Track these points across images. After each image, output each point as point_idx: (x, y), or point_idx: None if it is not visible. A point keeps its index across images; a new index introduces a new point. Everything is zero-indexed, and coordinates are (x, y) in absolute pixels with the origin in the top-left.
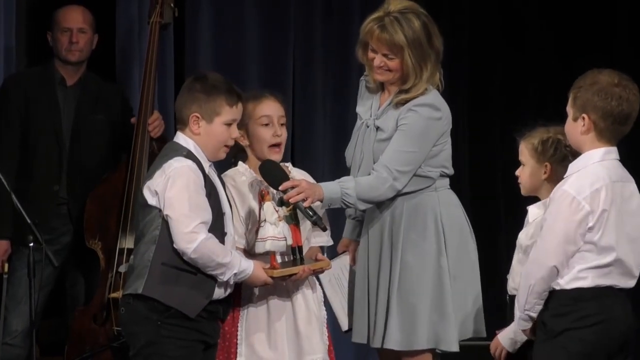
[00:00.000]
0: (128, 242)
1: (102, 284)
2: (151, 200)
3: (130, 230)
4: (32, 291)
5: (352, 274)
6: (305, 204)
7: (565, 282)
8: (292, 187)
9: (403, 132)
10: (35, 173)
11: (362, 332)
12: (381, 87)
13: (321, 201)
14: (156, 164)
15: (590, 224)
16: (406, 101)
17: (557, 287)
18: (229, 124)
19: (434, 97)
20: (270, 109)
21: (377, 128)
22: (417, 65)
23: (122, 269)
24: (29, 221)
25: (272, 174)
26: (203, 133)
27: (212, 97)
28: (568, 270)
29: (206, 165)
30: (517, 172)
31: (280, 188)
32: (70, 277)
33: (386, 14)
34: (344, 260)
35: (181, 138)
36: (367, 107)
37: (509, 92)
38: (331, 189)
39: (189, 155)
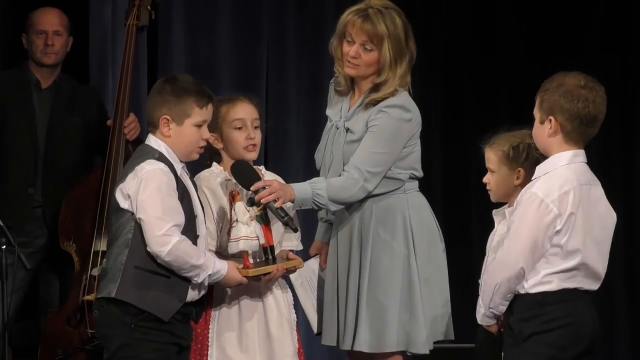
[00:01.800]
0: (103, 245)
1: (76, 286)
2: (124, 203)
3: (105, 233)
4: (4, 294)
5: (322, 276)
6: (277, 205)
7: (531, 286)
8: (264, 188)
9: (374, 134)
10: (10, 176)
11: (331, 334)
12: (352, 88)
13: (293, 202)
14: (128, 167)
15: (558, 228)
16: (377, 102)
17: (522, 291)
18: (199, 126)
19: (405, 98)
20: (244, 113)
21: (347, 130)
22: (394, 60)
23: (95, 272)
24: (1, 224)
25: (243, 174)
26: (174, 135)
27: (182, 100)
28: (534, 274)
29: (179, 167)
30: (485, 180)
31: (252, 189)
32: (44, 280)
33: (369, 7)
34: (315, 263)
35: (153, 141)
36: (337, 110)
37: (481, 94)
38: (303, 189)
39: (161, 158)
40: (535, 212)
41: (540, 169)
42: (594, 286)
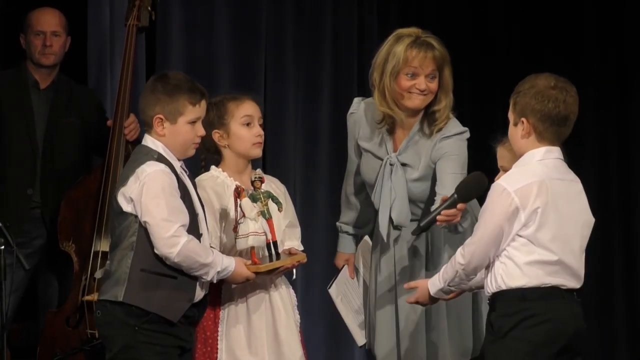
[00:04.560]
0: (102, 245)
1: (75, 286)
2: (126, 207)
3: (105, 234)
4: (2, 295)
5: (364, 288)
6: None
7: (510, 279)
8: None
9: (453, 160)
10: (9, 176)
11: (390, 353)
12: (391, 121)
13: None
14: (128, 169)
15: (522, 218)
16: (439, 129)
17: (504, 287)
18: (193, 123)
19: (455, 119)
20: (252, 109)
21: (403, 164)
22: (452, 81)
23: (98, 274)
24: (0, 224)
25: (472, 188)
26: (168, 134)
27: (174, 97)
28: (513, 267)
29: (177, 166)
30: (497, 179)
31: (458, 207)
32: (43, 280)
33: (417, 36)
34: (345, 275)
35: (149, 141)
36: (374, 142)
37: (477, 95)
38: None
39: (160, 158)
40: (497, 200)
41: (515, 165)
42: (575, 283)
